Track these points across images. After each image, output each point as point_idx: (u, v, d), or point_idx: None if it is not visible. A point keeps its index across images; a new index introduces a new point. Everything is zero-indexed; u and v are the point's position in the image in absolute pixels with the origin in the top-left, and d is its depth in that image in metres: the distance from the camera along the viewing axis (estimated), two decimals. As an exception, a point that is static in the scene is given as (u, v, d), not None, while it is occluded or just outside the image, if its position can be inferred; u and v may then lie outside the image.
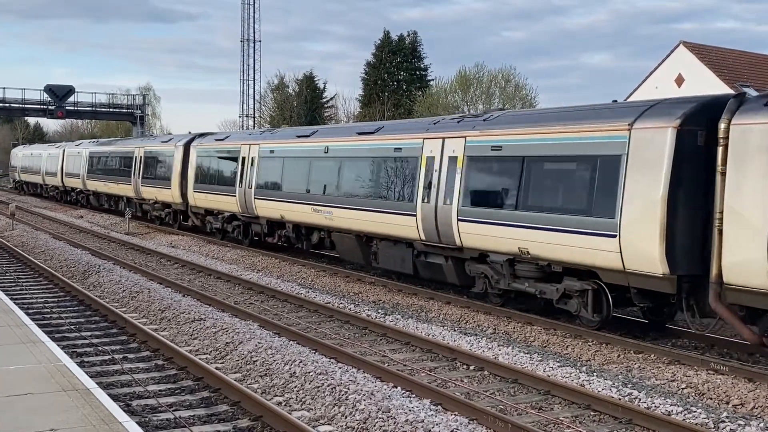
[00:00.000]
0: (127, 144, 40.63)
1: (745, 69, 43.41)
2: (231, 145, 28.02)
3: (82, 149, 45.88)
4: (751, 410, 10.22)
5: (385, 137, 19.88)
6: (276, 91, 75.65)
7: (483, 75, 58.89)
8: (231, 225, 27.89)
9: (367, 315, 15.94)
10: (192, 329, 14.13)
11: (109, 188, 40.38)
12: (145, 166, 35.43)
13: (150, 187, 34.58)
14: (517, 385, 11.26)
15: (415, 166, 18.19)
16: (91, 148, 44.41)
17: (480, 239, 16.15)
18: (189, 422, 9.24)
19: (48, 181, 53.40)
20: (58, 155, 50.24)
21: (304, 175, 22.84)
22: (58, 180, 50.14)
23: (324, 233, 22.33)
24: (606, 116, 13.97)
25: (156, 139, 38.06)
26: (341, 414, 9.50)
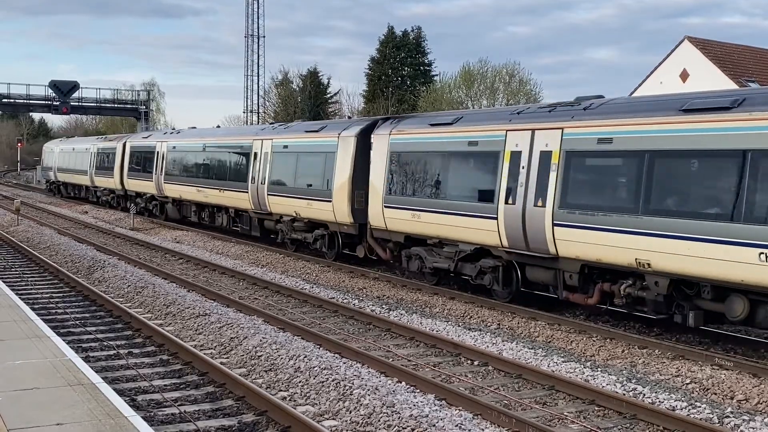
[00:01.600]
0: (242, 134, 29.43)
1: (750, 64, 43.28)
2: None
3: (155, 141, 35.88)
4: (756, 405, 10.22)
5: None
6: (280, 86, 75.62)
7: (487, 70, 58.80)
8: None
9: (371, 310, 15.95)
10: (197, 324, 14.16)
11: (205, 196, 29.71)
12: (272, 165, 24.94)
13: (286, 197, 23.82)
14: (522, 381, 11.27)
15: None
16: (172, 141, 34.36)
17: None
18: (194, 417, 9.26)
19: (100, 182, 43.33)
20: (116, 150, 40.15)
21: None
22: (114, 182, 40.43)
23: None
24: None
25: (295, 128, 25.48)
26: (346, 409, 9.52)
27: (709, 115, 12.21)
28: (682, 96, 13.58)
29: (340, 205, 21.04)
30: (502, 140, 15.94)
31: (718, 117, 12.03)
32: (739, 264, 11.34)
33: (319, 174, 22.11)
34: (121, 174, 38.78)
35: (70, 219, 36.56)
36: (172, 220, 34.05)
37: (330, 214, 21.49)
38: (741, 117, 11.69)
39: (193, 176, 30.90)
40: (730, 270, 11.53)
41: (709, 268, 11.84)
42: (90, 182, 44.75)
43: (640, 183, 12.97)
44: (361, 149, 20.56)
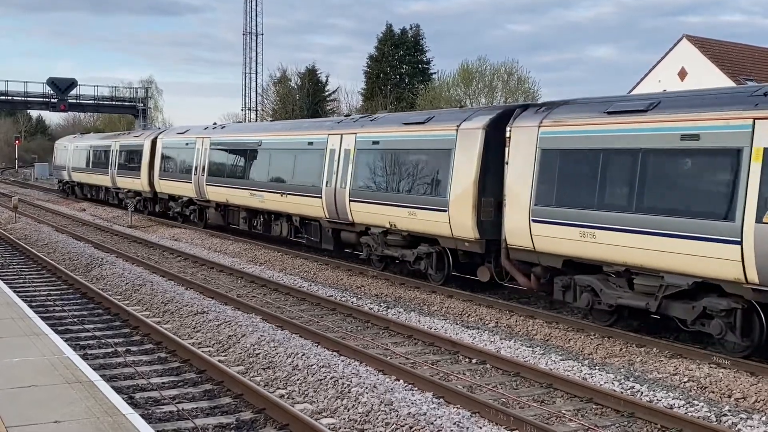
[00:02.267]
0: (313, 128, 23.99)
1: (749, 62, 43.32)
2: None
3: (195, 137, 30.63)
4: (753, 404, 10.24)
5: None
6: (278, 84, 75.62)
7: (486, 69, 58.84)
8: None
9: (369, 308, 15.96)
10: (195, 322, 14.16)
11: (261, 201, 25.05)
12: (356, 165, 20.48)
13: (377, 205, 19.73)
14: (520, 379, 11.28)
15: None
16: (217, 136, 29.23)
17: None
18: (192, 415, 9.27)
19: (123, 184, 37.90)
20: (143, 147, 34.96)
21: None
22: (141, 183, 35.18)
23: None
24: None
25: (386, 120, 21.16)
26: (344, 407, 9.53)
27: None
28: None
29: (460, 216, 16.82)
30: (746, 132, 11.43)
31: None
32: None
33: (429, 176, 17.98)
34: (150, 174, 34.15)
35: (68, 216, 36.52)
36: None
37: (444, 226, 17.25)
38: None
39: (244, 177, 26.44)
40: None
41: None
42: (111, 183, 39.74)
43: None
44: (492, 145, 16.41)
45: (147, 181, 34.50)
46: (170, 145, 33.00)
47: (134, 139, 37.72)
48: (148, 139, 35.10)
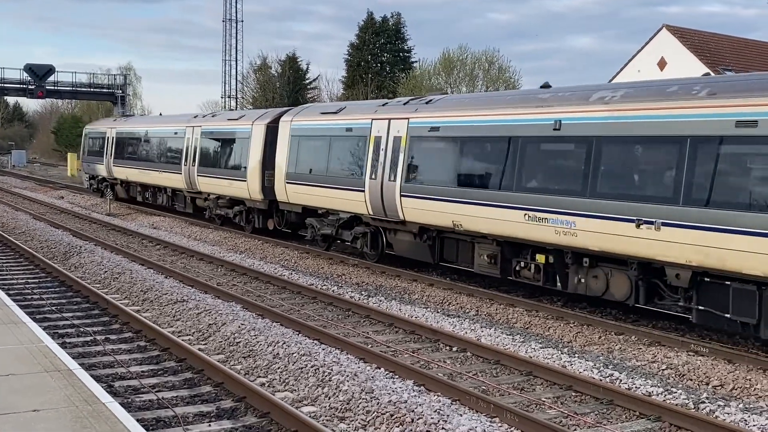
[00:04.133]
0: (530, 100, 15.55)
1: (728, 53, 43.57)
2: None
3: (368, 118, 19.61)
4: (731, 391, 10.35)
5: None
6: (258, 71, 75.20)
7: (467, 57, 58.81)
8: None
9: (350, 297, 15.96)
10: (174, 310, 14.09)
11: (488, 223, 15.60)
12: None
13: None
14: (500, 366, 11.33)
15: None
16: (427, 117, 17.72)
17: None
18: (172, 403, 9.23)
19: (209, 187, 27.32)
20: (251, 134, 24.61)
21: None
22: (248, 187, 24.51)
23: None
24: None
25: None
26: (324, 395, 9.53)
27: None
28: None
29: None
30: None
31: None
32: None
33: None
34: (265, 175, 23.63)
35: (46, 204, 36.19)
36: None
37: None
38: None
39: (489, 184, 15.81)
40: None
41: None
42: (187, 185, 28.81)
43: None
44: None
45: (258, 184, 23.84)
46: (313, 132, 21.84)
47: (231, 123, 26.72)
48: (259, 124, 24.48)
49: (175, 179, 29.95)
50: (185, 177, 28.95)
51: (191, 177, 28.42)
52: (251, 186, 24.35)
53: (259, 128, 24.44)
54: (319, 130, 21.52)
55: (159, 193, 32.56)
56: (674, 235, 11.96)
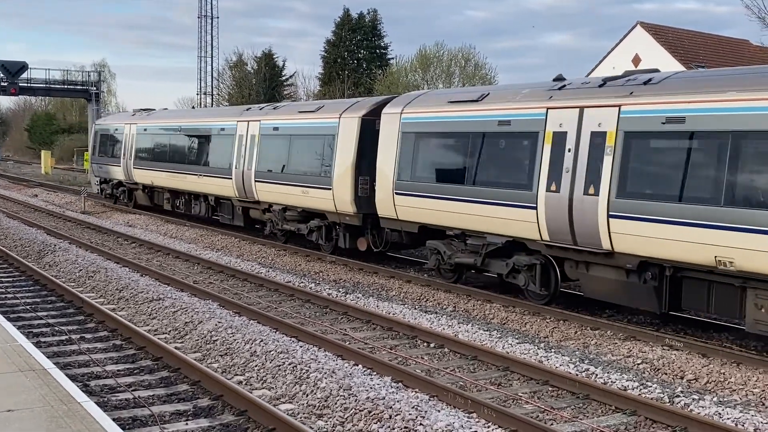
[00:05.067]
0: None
1: (701, 49, 44.00)
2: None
3: (542, 106, 14.33)
4: (705, 385, 10.47)
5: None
6: (234, 68, 74.86)
7: (443, 54, 58.90)
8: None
9: (328, 294, 15.94)
10: (150, 309, 14.00)
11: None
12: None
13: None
14: (477, 362, 11.38)
15: None
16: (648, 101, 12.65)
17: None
18: (149, 402, 9.18)
19: (272, 195, 22.17)
20: (338, 130, 19.54)
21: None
22: (335, 198, 19.46)
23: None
24: None
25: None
26: (302, 392, 9.52)
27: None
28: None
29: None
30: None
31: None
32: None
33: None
34: (356, 182, 18.81)
35: (20, 202, 35.80)
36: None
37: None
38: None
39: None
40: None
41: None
42: (239, 192, 23.39)
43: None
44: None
45: (349, 194, 18.80)
46: (440, 126, 16.89)
47: (306, 116, 21.15)
48: (350, 117, 19.20)
49: (222, 185, 24.31)
50: (236, 183, 23.38)
51: (246, 183, 22.93)
52: (339, 196, 19.07)
53: (349, 122, 19.11)
54: (449, 124, 16.40)
55: (195, 201, 26.96)
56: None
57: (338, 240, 20.05)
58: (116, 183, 33.65)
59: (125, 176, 31.89)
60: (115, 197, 34.27)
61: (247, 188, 23.09)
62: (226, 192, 24.38)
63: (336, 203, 19.34)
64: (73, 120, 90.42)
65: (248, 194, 23.07)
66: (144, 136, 30.77)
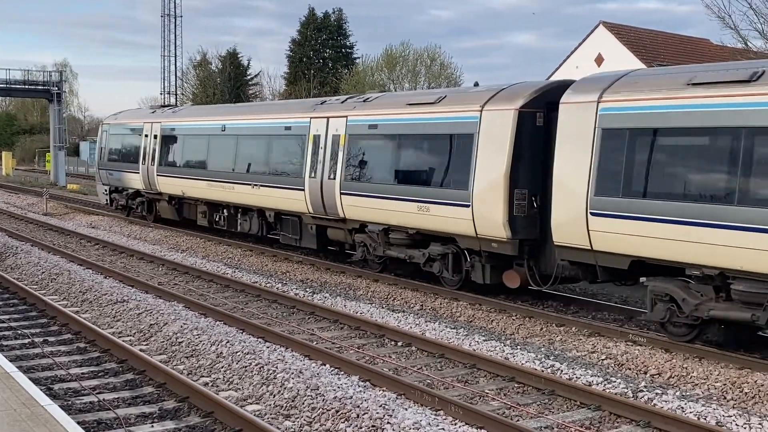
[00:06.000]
0: None
1: (662, 48, 44.60)
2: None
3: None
4: (668, 379, 10.62)
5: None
6: (198, 67, 74.36)
7: (409, 53, 59.04)
8: None
9: (295, 294, 15.90)
10: (115, 311, 13.86)
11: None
12: None
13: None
14: (444, 360, 11.43)
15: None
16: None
17: None
18: (113, 405, 9.09)
19: (359, 212, 17.66)
20: (480, 128, 14.73)
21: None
22: (466, 218, 14.84)
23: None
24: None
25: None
26: (269, 393, 9.49)
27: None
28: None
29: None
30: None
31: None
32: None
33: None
34: (510, 197, 14.28)
35: (-21, 204, 35.21)
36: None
37: None
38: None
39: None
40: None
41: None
42: (313, 207, 18.91)
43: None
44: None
45: (501, 213, 14.21)
46: (675, 120, 11.88)
47: (423, 110, 16.31)
48: (501, 109, 14.55)
49: (288, 198, 19.69)
50: (311, 196, 18.80)
51: (326, 196, 18.27)
52: (482, 215, 14.41)
53: (499, 117, 14.36)
54: (692, 116, 11.50)
55: (244, 216, 22.10)
56: None
57: (469, 272, 15.29)
58: (132, 193, 28.19)
59: (145, 185, 26.81)
60: (129, 209, 28.99)
61: (327, 202, 18.32)
62: (295, 206, 19.54)
63: (477, 225, 14.54)
64: (35, 121, 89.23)
65: (329, 210, 18.32)
66: (172, 138, 25.61)
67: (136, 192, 27.89)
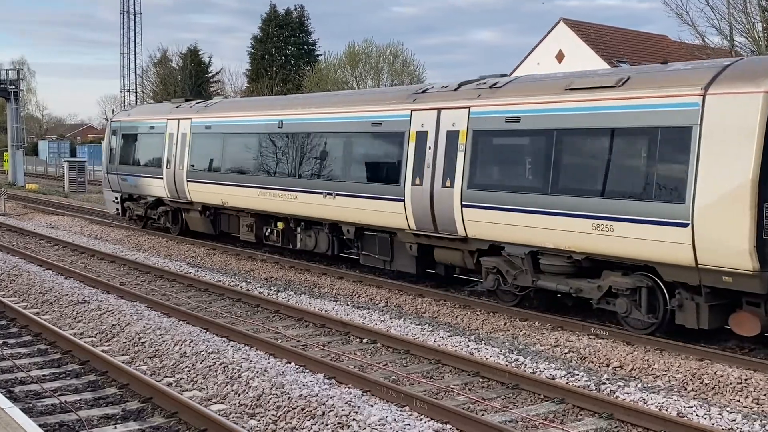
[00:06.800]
0: None
1: (621, 45, 45.18)
2: None
3: None
4: (630, 372, 10.77)
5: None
6: (159, 65, 73.64)
7: (371, 50, 59.04)
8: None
9: (259, 292, 15.83)
10: (76, 312, 13.68)
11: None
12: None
13: None
14: (409, 356, 11.46)
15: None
16: None
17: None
18: (75, 407, 8.97)
19: (499, 232, 13.84)
20: (707, 119, 10.93)
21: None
22: (684, 241, 11.05)
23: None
24: None
25: None
26: (234, 392, 9.44)
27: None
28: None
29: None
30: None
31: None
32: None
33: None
34: (760, 213, 10.48)
35: (-65, 205, 34.48)
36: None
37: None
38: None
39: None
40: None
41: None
42: (418, 222, 15.25)
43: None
44: None
45: (747, 237, 10.52)
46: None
47: (600, 96, 12.47)
48: (740, 92, 10.80)
49: (376, 210, 16.15)
50: (413, 208, 15.21)
51: (439, 208, 14.67)
52: (711, 237, 10.89)
53: (735, 103, 10.84)
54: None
55: (308, 231, 18.52)
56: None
57: (673, 312, 11.82)
58: (153, 202, 24.22)
59: (170, 192, 22.90)
60: (146, 220, 25.12)
61: (440, 217, 14.73)
62: (388, 220, 15.96)
63: (699, 251, 11.01)
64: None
65: (442, 226, 14.71)
66: (208, 137, 21.72)
67: (158, 201, 23.95)
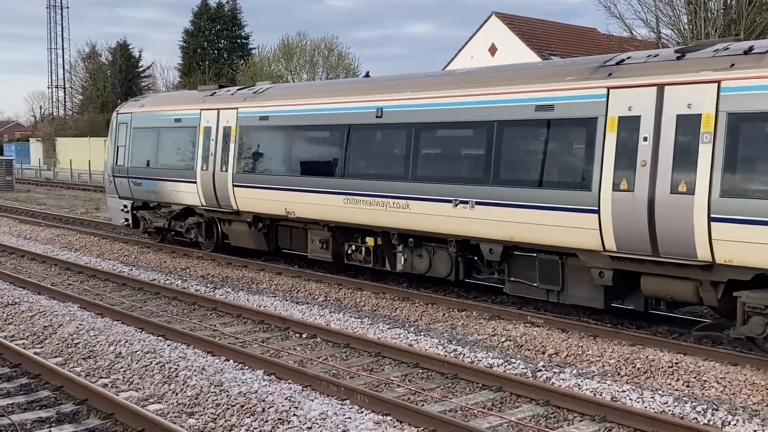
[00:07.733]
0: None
1: (552, 38, 45.89)
2: None
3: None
4: (565, 358, 10.99)
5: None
6: (87, 60, 72.01)
7: (306, 44, 58.76)
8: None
9: (195, 290, 15.64)
10: (6, 314, 13.30)
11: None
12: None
13: None
14: (349, 350, 11.48)
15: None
16: None
17: None
18: (8, 411, 8.73)
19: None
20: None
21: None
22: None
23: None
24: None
25: None
26: (172, 391, 9.32)
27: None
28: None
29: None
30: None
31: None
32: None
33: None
34: None
35: None
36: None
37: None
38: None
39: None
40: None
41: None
42: (621, 241, 11.27)
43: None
44: None
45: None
46: None
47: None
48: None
49: (544, 223, 12.25)
50: (614, 223, 11.33)
51: (664, 221, 10.74)
52: None
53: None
54: None
55: (418, 249, 14.67)
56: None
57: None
58: (180, 211, 20.11)
59: (207, 200, 18.80)
60: (167, 232, 21.04)
61: (666, 235, 10.80)
62: (569, 239, 12.03)
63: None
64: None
65: (666, 248, 10.83)
66: (264, 131, 17.64)
67: (186, 210, 19.96)
